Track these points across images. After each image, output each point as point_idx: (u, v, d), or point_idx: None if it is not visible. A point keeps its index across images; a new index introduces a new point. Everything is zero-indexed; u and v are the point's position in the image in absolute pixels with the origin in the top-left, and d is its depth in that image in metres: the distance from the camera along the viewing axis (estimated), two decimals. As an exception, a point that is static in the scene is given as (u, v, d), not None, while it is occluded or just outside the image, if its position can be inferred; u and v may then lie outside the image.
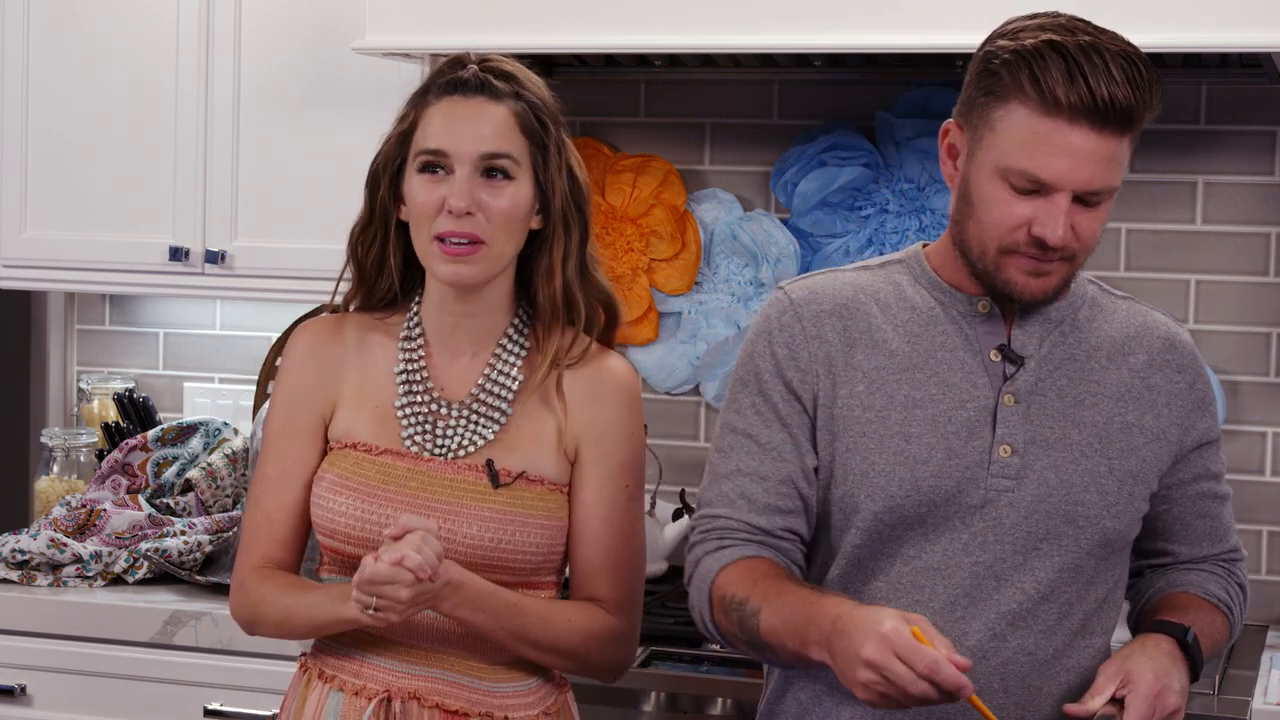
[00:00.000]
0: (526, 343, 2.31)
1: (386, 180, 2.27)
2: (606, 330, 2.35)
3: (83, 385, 3.77)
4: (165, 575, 3.23)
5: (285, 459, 2.31)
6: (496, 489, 2.24)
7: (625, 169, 3.44)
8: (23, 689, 3.13)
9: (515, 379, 2.29)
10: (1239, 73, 3.12)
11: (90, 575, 3.20)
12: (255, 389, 3.50)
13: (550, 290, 2.27)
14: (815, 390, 2.13)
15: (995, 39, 2.05)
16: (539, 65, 2.83)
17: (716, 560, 2.12)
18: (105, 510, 3.30)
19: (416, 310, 2.32)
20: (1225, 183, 3.22)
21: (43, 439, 3.60)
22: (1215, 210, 3.22)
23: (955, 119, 2.09)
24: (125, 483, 3.45)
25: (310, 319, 2.47)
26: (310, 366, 2.33)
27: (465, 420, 2.27)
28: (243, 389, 3.69)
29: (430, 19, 3.04)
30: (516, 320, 2.32)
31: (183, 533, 3.27)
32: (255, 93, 3.34)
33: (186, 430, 3.52)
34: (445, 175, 2.22)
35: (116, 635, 3.08)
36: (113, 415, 3.69)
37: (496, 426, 2.27)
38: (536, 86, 2.26)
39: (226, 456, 3.45)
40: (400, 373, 2.30)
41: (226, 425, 3.56)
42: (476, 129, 2.21)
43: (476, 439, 2.27)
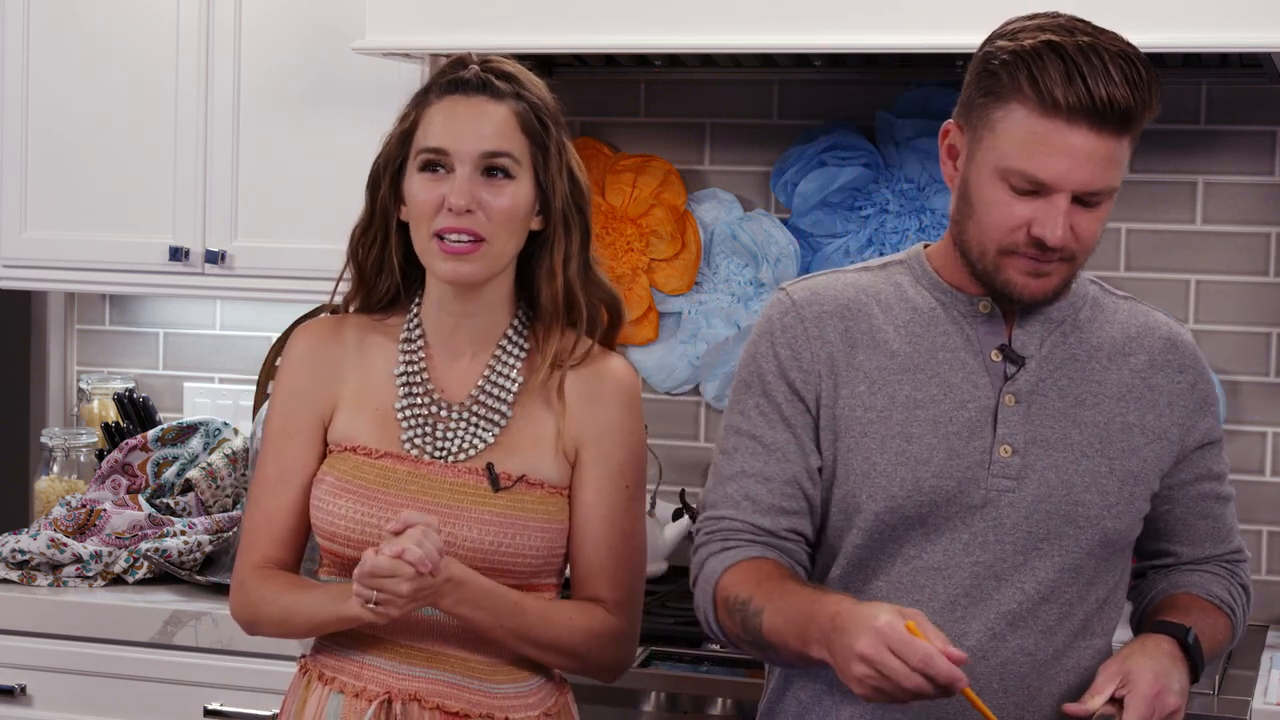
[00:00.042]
0: (526, 344, 2.31)
1: (387, 180, 2.28)
2: (610, 331, 2.34)
3: (83, 385, 3.77)
4: (165, 575, 3.23)
5: (284, 460, 2.31)
6: (497, 492, 2.24)
7: (625, 169, 3.44)
8: (23, 689, 3.13)
9: (515, 380, 2.29)
10: (1239, 73, 3.12)
11: (90, 575, 3.20)
12: (255, 389, 3.50)
13: (552, 291, 2.28)
14: (818, 390, 2.13)
15: (995, 39, 2.05)
16: (539, 65, 2.83)
17: (721, 561, 2.12)
18: (105, 510, 3.30)
19: (416, 311, 2.32)
20: (1225, 183, 3.22)
21: (43, 439, 3.60)
22: (1215, 210, 3.22)
23: (955, 120, 2.09)
24: (125, 483, 3.45)
25: (309, 320, 2.47)
26: (309, 368, 2.33)
27: (465, 423, 2.27)
28: (243, 389, 3.69)
29: (430, 19, 3.04)
30: (516, 321, 2.32)
31: (183, 533, 3.27)
32: (255, 93, 3.34)
33: (186, 430, 3.52)
34: (446, 174, 2.22)
35: (116, 635, 3.08)
36: (113, 415, 3.69)
37: (497, 429, 2.27)
38: (537, 88, 2.27)
39: (226, 456, 3.45)
40: (400, 374, 2.30)
41: (226, 425, 3.56)
42: (477, 128, 2.22)
43: (477, 442, 2.26)
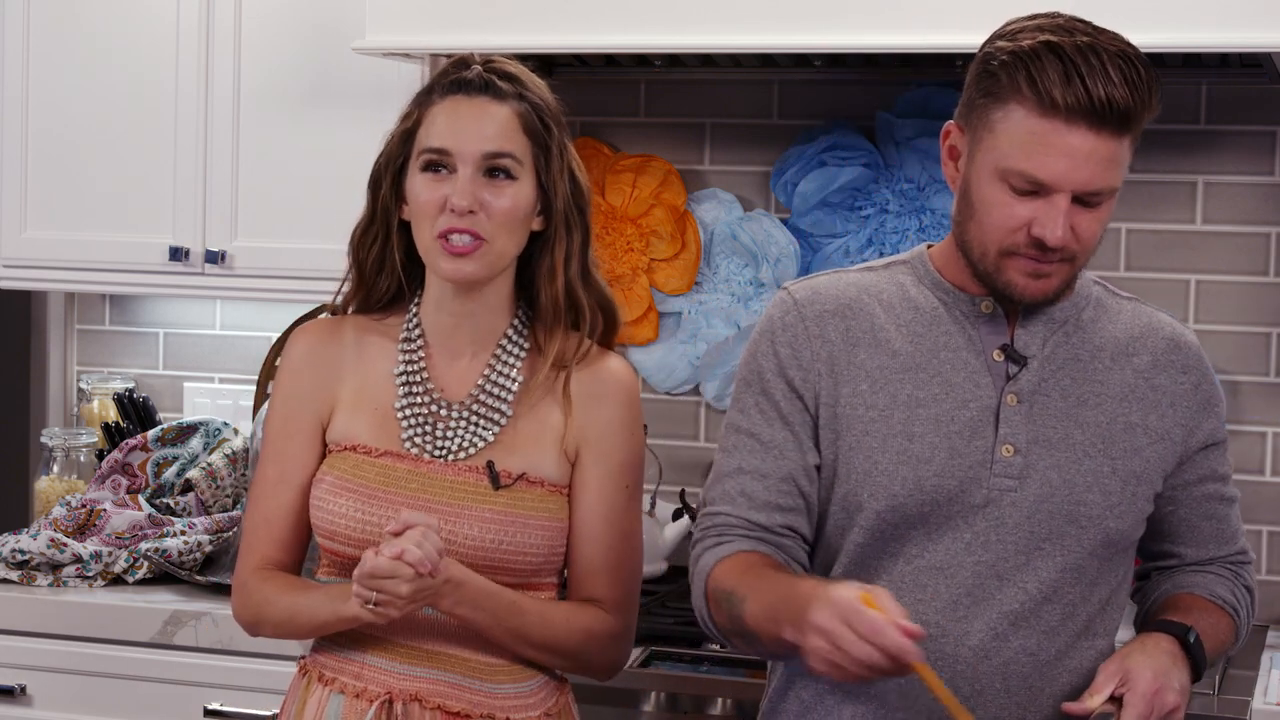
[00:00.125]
0: (526, 344, 2.31)
1: (389, 179, 2.28)
2: (605, 335, 2.35)
3: (83, 385, 3.77)
4: (165, 575, 3.23)
5: (284, 461, 2.32)
6: (497, 490, 2.24)
7: (625, 169, 3.44)
8: (23, 689, 3.13)
9: (515, 380, 2.29)
10: (1239, 73, 3.12)
11: (90, 575, 3.20)
12: (255, 389, 3.50)
13: (553, 291, 2.28)
14: (817, 389, 2.13)
15: (994, 40, 2.05)
16: (539, 65, 2.84)
17: (713, 555, 2.12)
18: (105, 510, 3.30)
19: (415, 311, 2.32)
20: (1225, 183, 3.22)
21: (43, 439, 3.60)
22: (1215, 210, 3.22)
23: (956, 120, 2.09)
24: (125, 483, 3.45)
25: (308, 321, 2.48)
26: (308, 368, 2.33)
27: (465, 421, 2.27)
28: (243, 389, 3.69)
29: (430, 19, 3.04)
30: (516, 321, 2.32)
31: (183, 533, 3.27)
32: (255, 93, 3.34)
33: (186, 430, 3.52)
34: (448, 174, 2.22)
35: (116, 635, 3.08)
36: (113, 415, 3.69)
37: (496, 428, 2.27)
38: (540, 88, 2.27)
39: (226, 456, 3.45)
40: (400, 374, 2.30)
41: (226, 425, 3.56)
42: (480, 128, 2.22)
43: (477, 440, 2.27)
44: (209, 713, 3.02)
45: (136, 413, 3.62)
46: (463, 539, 2.22)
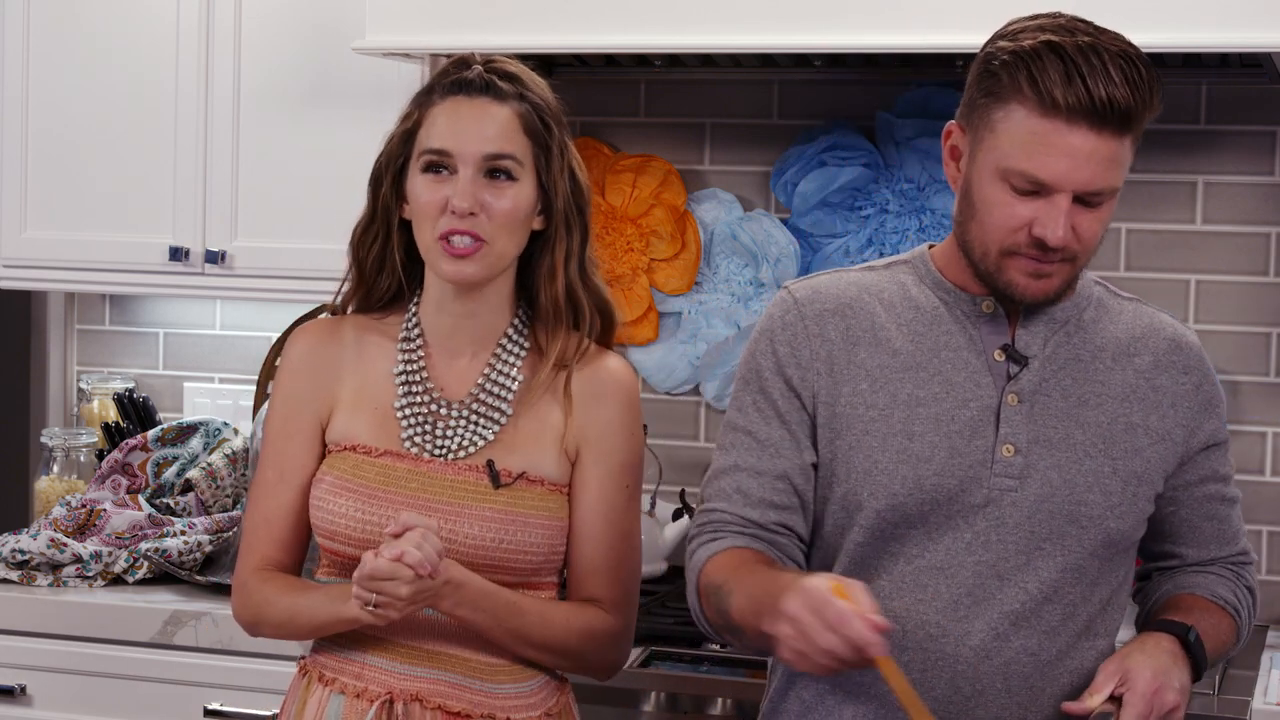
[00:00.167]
0: (526, 343, 2.31)
1: (389, 178, 2.28)
2: (603, 335, 2.35)
3: (83, 385, 3.77)
4: (165, 575, 3.23)
5: (283, 461, 2.32)
6: (497, 489, 2.24)
7: (625, 169, 3.44)
8: (23, 689, 3.13)
9: (515, 379, 2.29)
10: (1239, 73, 3.12)
11: (90, 575, 3.20)
12: (255, 389, 3.50)
13: (553, 291, 2.28)
14: (815, 388, 2.13)
15: (996, 40, 2.05)
16: (539, 65, 2.83)
17: (707, 551, 2.13)
18: (105, 510, 3.30)
19: (415, 311, 2.32)
20: (1225, 183, 3.22)
21: (43, 439, 3.60)
22: (1215, 210, 3.22)
23: (957, 120, 2.09)
24: (125, 483, 3.45)
25: (308, 321, 2.48)
26: (307, 369, 2.33)
27: (465, 421, 2.27)
28: (243, 389, 3.69)
29: (430, 19, 3.04)
30: (516, 321, 2.32)
31: (183, 533, 3.27)
32: (255, 93, 3.34)
33: (186, 430, 3.52)
34: (449, 175, 2.22)
35: (116, 635, 3.08)
36: (113, 415, 3.69)
37: (496, 427, 2.27)
38: (540, 88, 2.27)
39: (226, 456, 3.45)
40: (400, 373, 2.30)
41: (226, 425, 3.56)
42: (480, 129, 2.22)
43: (477, 439, 2.27)
44: (209, 713, 3.02)
45: (136, 413, 3.62)
46: (463, 538, 2.22)
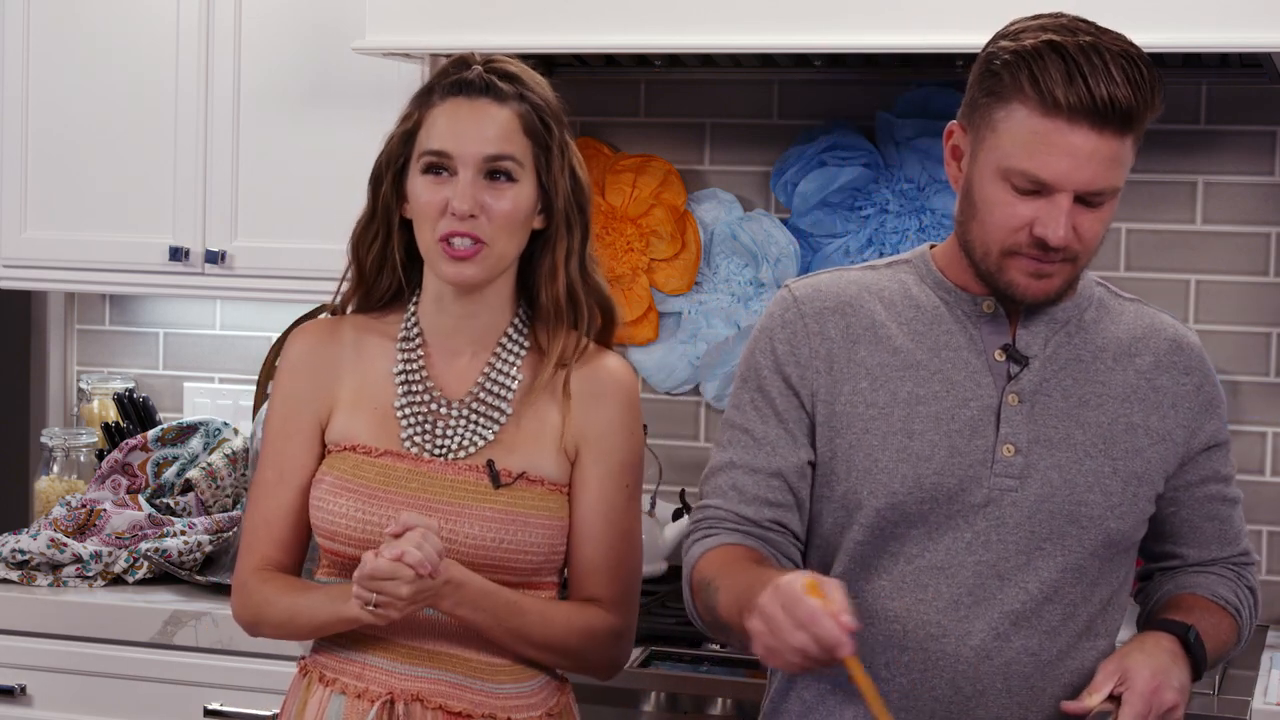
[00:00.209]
0: (526, 343, 2.31)
1: (390, 178, 2.28)
2: (603, 334, 2.35)
3: (83, 385, 3.77)
4: (165, 575, 3.23)
5: (283, 462, 2.31)
6: (497, 489, 2.24)
7: (625, 169, 3.44)
8: (23, 689, 3.13)
9: (515, 378, 2.29)
10: (1239, 73, 3.12)
11: (90, 575, 3.20)
12: (255, 389, 3.50)
13: (554, 290, 2.28)
14: (814, 386, 2.13)
15: (998, 40, 2.05)
16: (539, 65, 2.83)
17: (701, 547, 2.13)
18: (105, 510, 3.30)
19: (414, 310, 2.32)
20: (1225, 183, 3.22)
21: (43, 439, 3.60)
22: (1215, 210, 3.22)
23: (959, 120, 2.09)
24: (125, 483, 3.45)
25: (307, 321, 2.48)
26: (307, 369, 2.33)
27: (465, 420, 2.27)
28: (243, 389, 3.69)
29: (430, 19, 3.04)
30: (517, 320, 2.32)
31: (183, 533, 3.27)
32: (255, 93, 3.34)
33: (186, 430, 3.52)
34: (449, 177, 2.22)
35: (116, 635, 3.08)
36: (113, 415, 3.69)
37: (496, 426, 2.27)
38: (541, 87, 2.27)
39: (226, 456, 3.45)
40: (399, 373, 2.30)
41: (226, 425, 3.56)
42: (480, 131, 2.22)
43: (476, 439, 2.27)
44: (209, 713, 3.02)
45: (136, 413, 3.62)
46: (463, 538, 2.21)
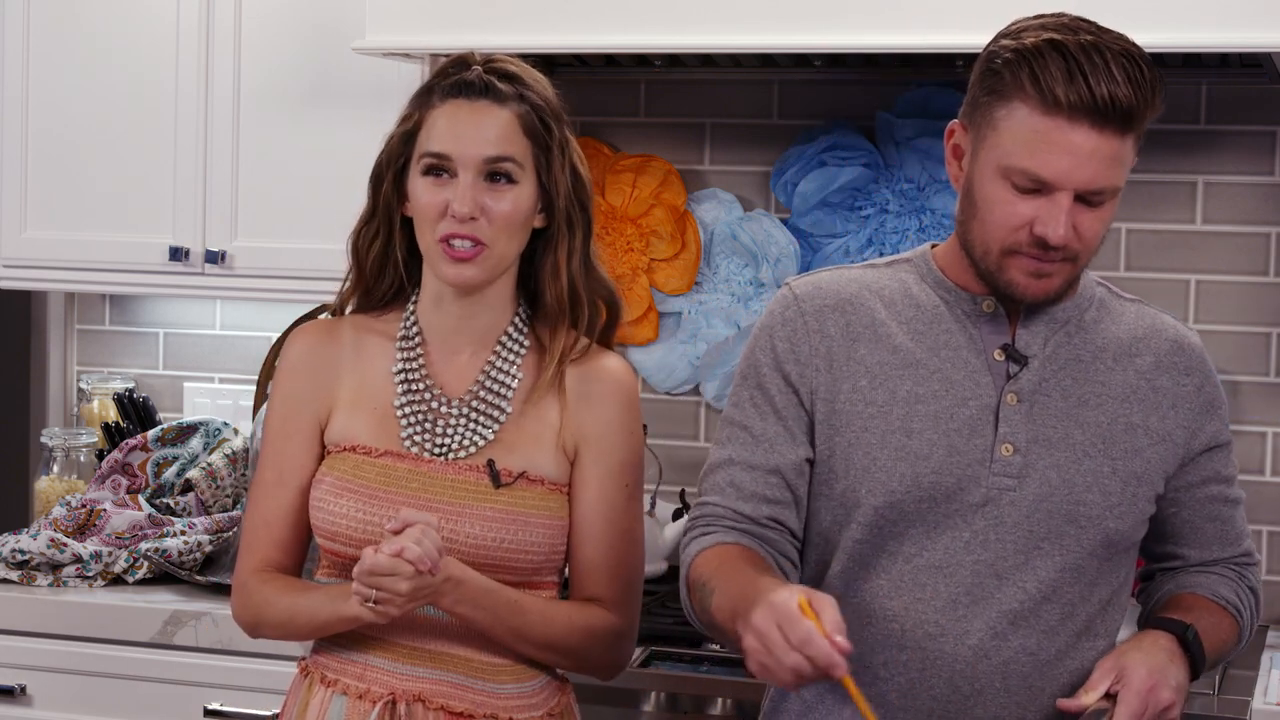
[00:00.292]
0: (526, 341, 2.31)
1: (390, 177, 2.28)
2: (607, 328, 2.35)
3: (83, 385, 3.77)
4: (165, 575, 3.23)
5: (282, 462, 2.31)
6: (498, 489, 2.24)
7: (625, 169, 3.44)
8: (23, 689, 3.13)
9: (515, 377, 2.29)
10: (1239, 73, 3.12)
11: (90, 575, 3.20)
12: (255, 389, 3.50)
13: (557, 289, 2.28)
14: (814, 384, 2.13)
15: (999, 39, 2.06)
16: (539, 65, 2.83)
17: (698, 545, 2.14)
18: (105, 510, 3.30)
19: (413, 309, 2.32)
20: (1225, 183, 3.22)
21: (43, 439, 3.60)
22: (1215, 210, 3.22)
23: (960, 119, 2.09)
24: (125, 483, 3.45)
25: (307, 321, 2.47)
26: (306, 369, 2.33)
27: (465, 419, 2.27)
28: (243, 389, 3.69)
29: (430, 19, 3.04)
30: (517, 319, 2.32)
31: (183, 533, 3.27)
32: (255, 93, 3.34)
33: (186, 430, 3.52)
34: (449, 179, 2.22)
35: (116, 635, 3.08)
36: (113, 415, 3.69)
37: (496, 426, 2.27)
38: (541, 86, 2.27)
39: (226, 456, 3.45)
40: (399, 372, 2.29)
41: (226, 425, 3.56)
42: (480, 133, 2.22)
43: (476, 439, 2.26)
44: (209, 713, 3.02)
45: (136, 413, 3.62)
46: (464, 538, 2.21)
